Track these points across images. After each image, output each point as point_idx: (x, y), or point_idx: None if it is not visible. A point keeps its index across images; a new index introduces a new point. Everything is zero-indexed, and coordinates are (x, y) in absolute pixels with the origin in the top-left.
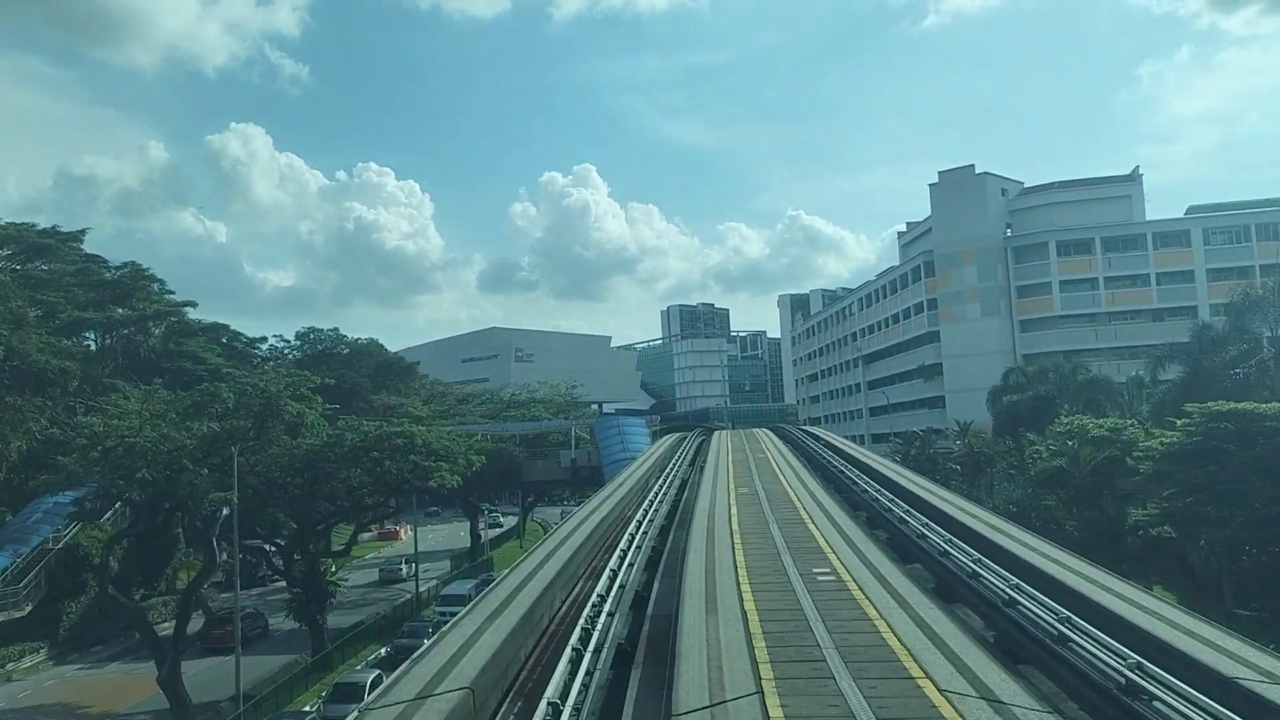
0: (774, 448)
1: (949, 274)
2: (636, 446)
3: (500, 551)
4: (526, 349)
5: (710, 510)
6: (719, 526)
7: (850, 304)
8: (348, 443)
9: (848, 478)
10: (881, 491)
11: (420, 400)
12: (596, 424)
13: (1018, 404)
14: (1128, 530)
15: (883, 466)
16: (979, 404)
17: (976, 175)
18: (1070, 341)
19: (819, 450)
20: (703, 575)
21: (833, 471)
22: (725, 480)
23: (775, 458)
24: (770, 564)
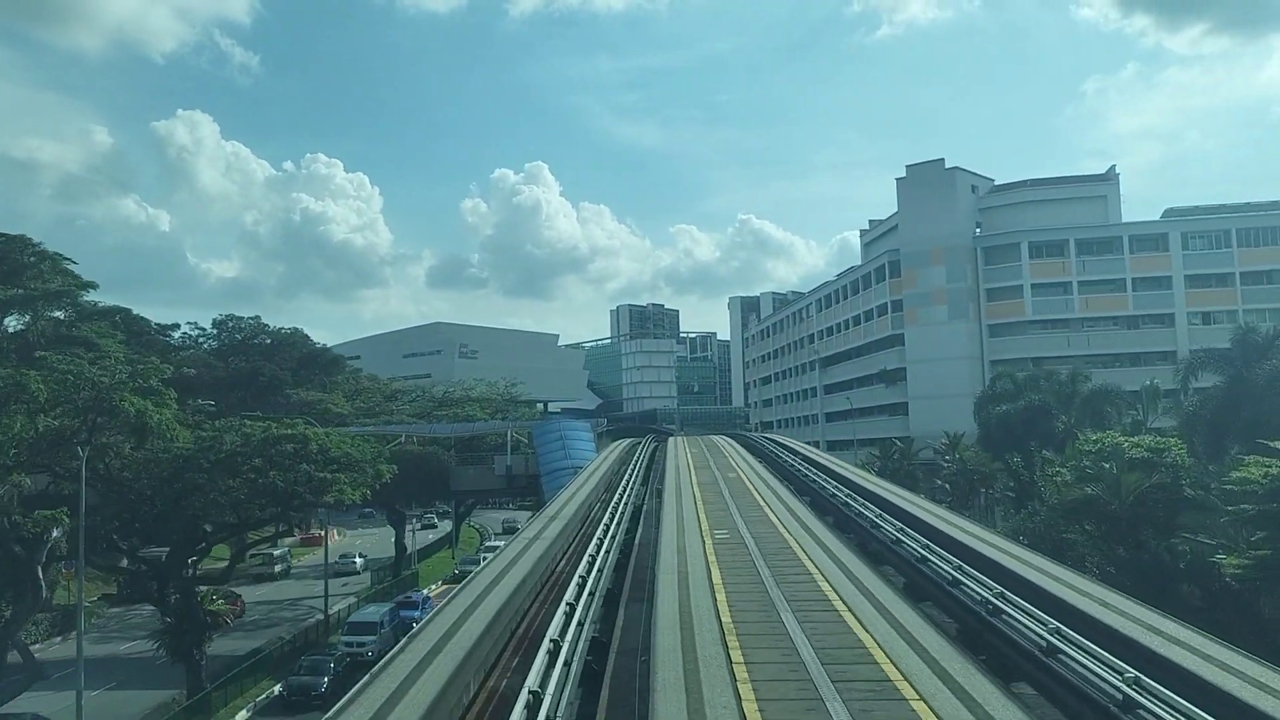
0: (744, 463)
1: (915, 274)
2: (581, 454)
3: (429, 564)
4: (471, 345)
5: (680, 573)
6: (698, 614)
7: (808, 305)
8: (225, 448)
9: (863, 519)
10: (940, 554)
11: (344, 396)
12: (536, 427)
13: (1009, 415)
14: (1181, 574)
15: (913, 505)
16: (945, 412)
17: (946, 170)
18: (1041, 348)
19: (800, 467)
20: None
21: (833, 504)
22: (694, 513)
23: (750, 477)
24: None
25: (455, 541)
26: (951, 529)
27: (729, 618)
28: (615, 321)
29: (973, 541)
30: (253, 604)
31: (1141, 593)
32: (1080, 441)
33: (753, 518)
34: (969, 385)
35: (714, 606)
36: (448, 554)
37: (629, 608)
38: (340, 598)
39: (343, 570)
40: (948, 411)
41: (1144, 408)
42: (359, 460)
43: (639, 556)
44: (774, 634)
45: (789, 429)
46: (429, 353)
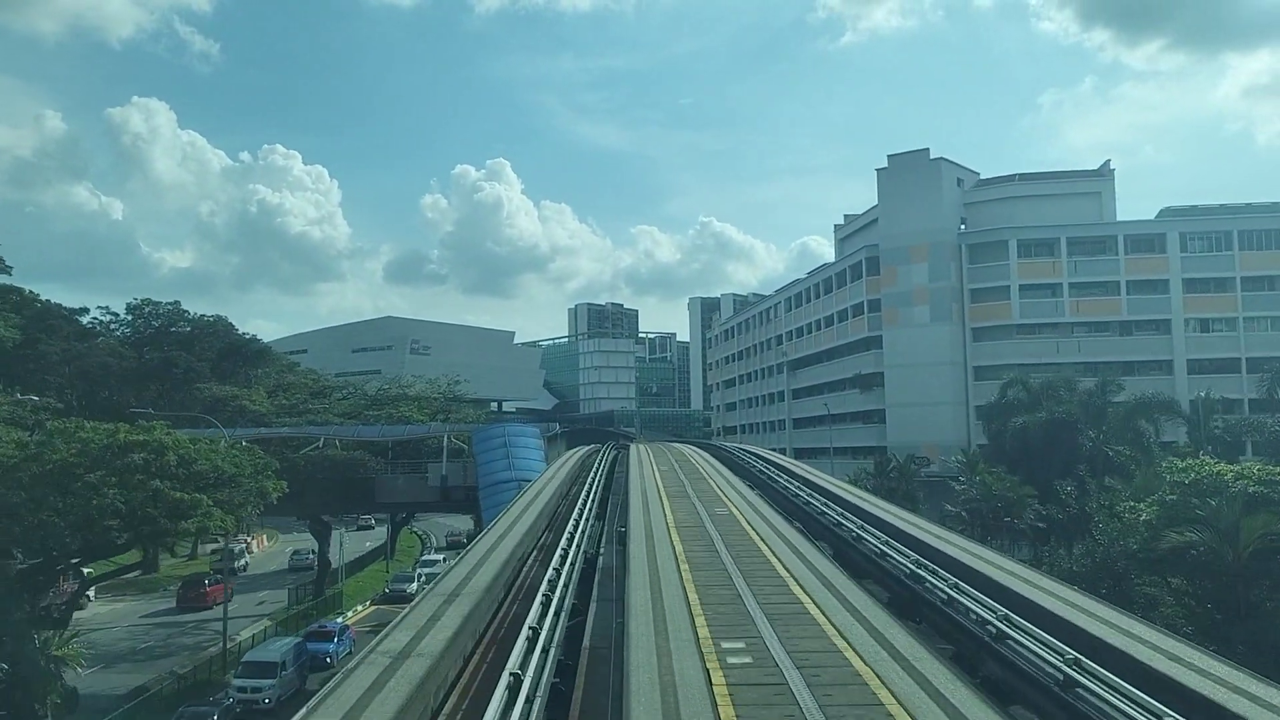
0: (729, 488)
1: (895, 271)
2: (527, 465)
3: (358, 580)
4: (423, 340)
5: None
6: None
7: (776, 304)
8: (54, 457)
9: (960, 611)
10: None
11: (265, 391)
12: (477, 432)
13: (1027, 429)
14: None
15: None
16: (926, 420)
17: (931, 161)
18: (1028, 354)
19: (804, 495)
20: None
21: (878, 565)
22: (679, 592)
23: (746, 514)
24: None
25: (391, 553)
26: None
27: None
28: (573, 320)
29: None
30: (165, 622)
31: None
32: (1166, 467)
33: (780, 608)
34: (951, 392)
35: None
36: (383, 566)
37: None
38: (253, 621)
39: (298, 566)
40: (928, 420)
41: (1199, 423)
42: (235, 476)
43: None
44: None
45: (753, 435)
46: (379, 348)
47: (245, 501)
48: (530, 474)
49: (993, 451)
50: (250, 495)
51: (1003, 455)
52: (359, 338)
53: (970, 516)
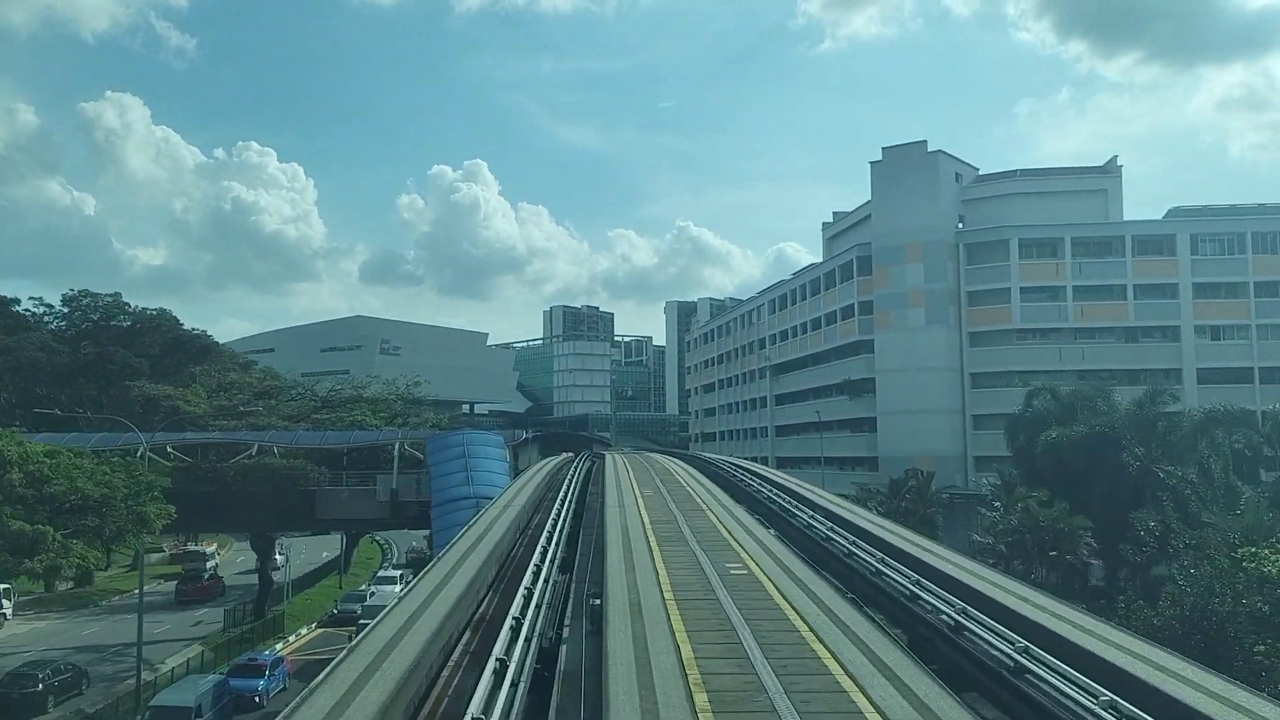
0: (731, 519)
1: (889, 272)
2: (488, 480)
3: (306, 597)
4: (393, 341)
5: None
6: None
7: (759, 306)
8: None
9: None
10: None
11: (206, 391)
12: (432, 441)
13: (1061, 445)
14: None
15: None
16: (919, 430)
17: (929, 154)
18: (1028, 360)
19: (824, 531)
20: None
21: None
22: None
23: (767, 569)
24: None
25: (345, 567)
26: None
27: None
28: (548, 322)
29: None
30: (89, 645)
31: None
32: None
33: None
34: (947, 400)
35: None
36: (334, 583)
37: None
38: (185, 645)
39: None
40: (922, 429)
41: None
42: (106, 499)
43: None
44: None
45: (733, 442)
46: (348, 348)
47: (120, 531)
48: (491, 490)
49: (1018, 469)
50: (126, 523)
51: (1032, 474)
52: (327, 337)
53: (1010, 550)
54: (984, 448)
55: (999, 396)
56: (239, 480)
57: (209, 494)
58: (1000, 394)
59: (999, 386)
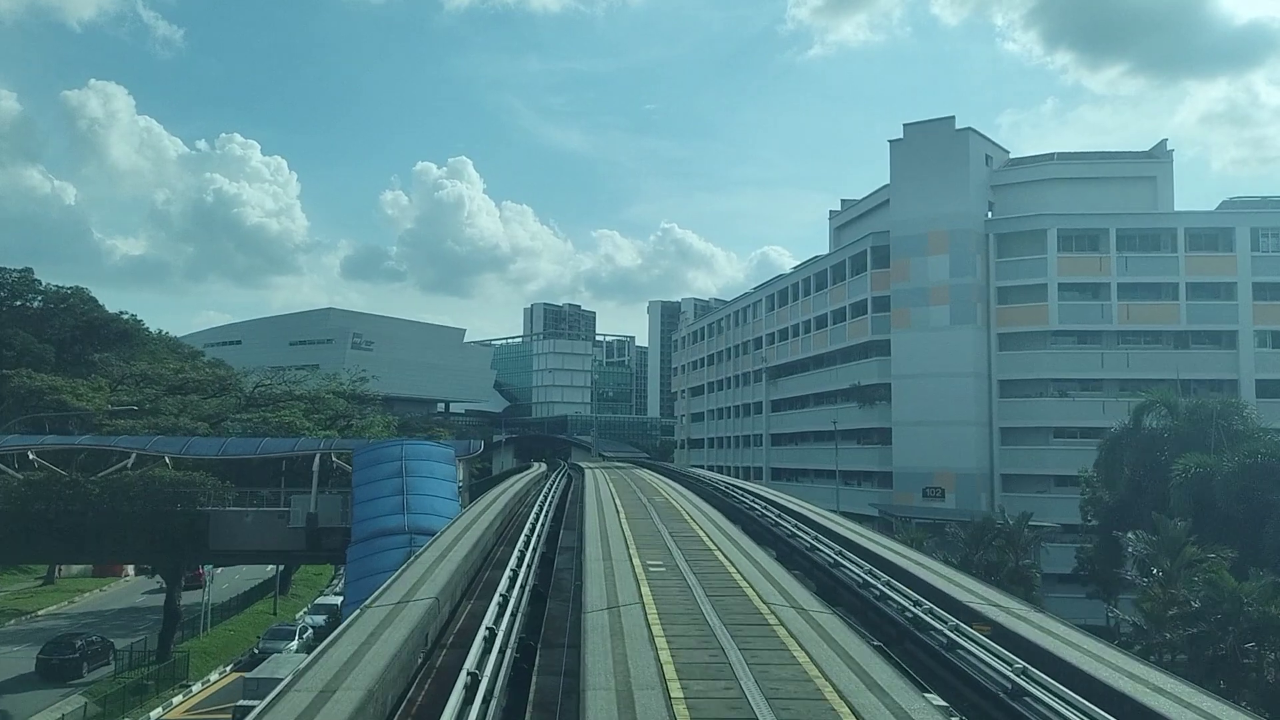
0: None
1: (909, 264)
2: (430, 507)
3: (230, 628)
4: (365, 335)
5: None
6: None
7: (756, 302)
8: None
9: None
10: None
11: (108, 382)
12: (361, 453)
13: (1207, 479)
14: None
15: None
16: (942, 443)
17: (957, 132)
18: (1066, 366)
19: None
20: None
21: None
22: None
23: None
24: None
25: (283, 588)
26: None
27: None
28: (529, 320)
29: None
30: None
31: None
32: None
33: None
34: (973, 410)
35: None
36: (267, 609)
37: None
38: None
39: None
40: (943, 442)
41: None
42: None
43: None
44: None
45: (722, 450)
46: (318, 341)
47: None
48: (433, 521)
49: (1124, 505)
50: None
51: (1132, 511)
52: (297, 330)
53: (1193, 648)
54: (1013, 465)
55: (1031, 408)
56: (107, 498)
57: (68, 515)
58: (1032, 405)
59: (1031, 396)
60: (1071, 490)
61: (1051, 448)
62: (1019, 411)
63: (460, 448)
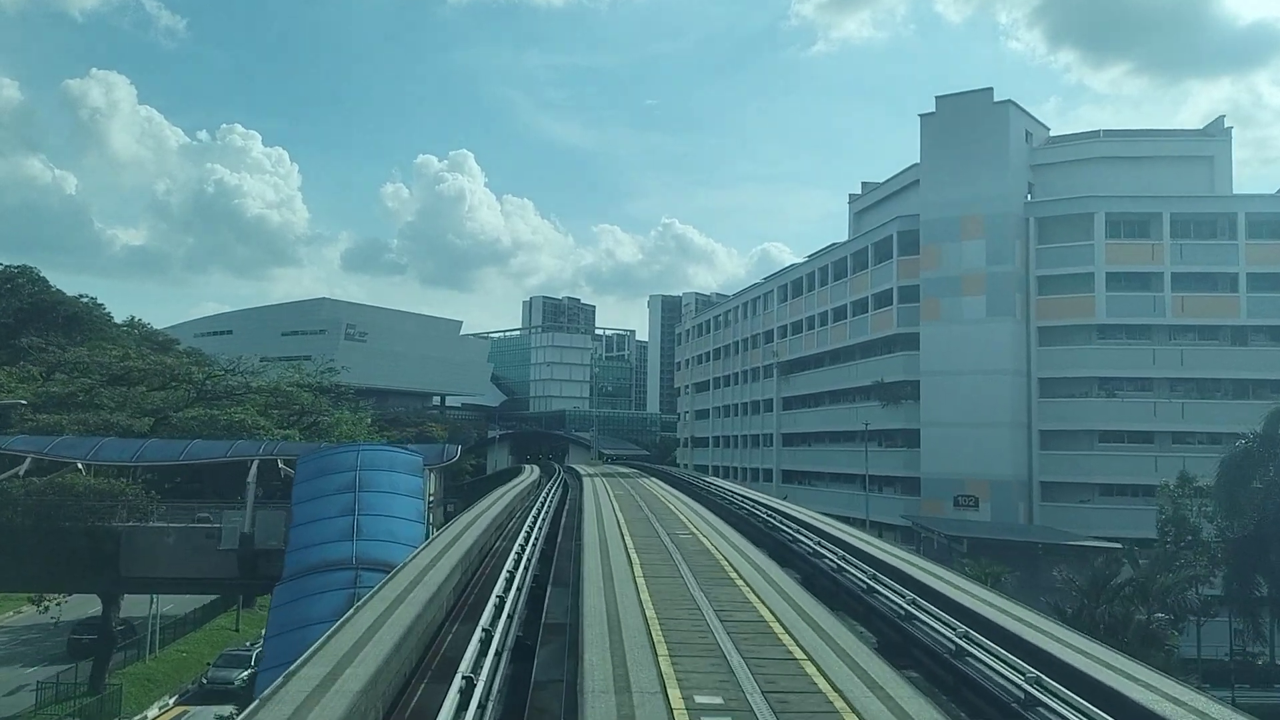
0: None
1: (940, 250)
2: (386, 531)
3: (183, 649)
4: (360, 326)
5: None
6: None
7: (767, 293)
8: None
9: None
10: None
11: (39, 371)
12: (305, 462)
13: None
14: None
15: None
16: (974, 447)
17: (996, 105)
18: (1113, 363)
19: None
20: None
21: None
22: None
23: None
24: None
25: (248, 600)
26: None
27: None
28: (527, 313)
29: None
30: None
31: None
32: None
33: None
34: (1010, 410)
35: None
36: (235, 620)
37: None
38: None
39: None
40: (977, 446)
41: None
42: None
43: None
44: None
45: (729, 450)
46: (311, 332)
47: None
48: (391, 551)
49: (1261, 541)
50: None
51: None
52: (289, 320)
53: None
54: (1053, 471)
55: (1074, 409)
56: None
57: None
58: (1075, 405)
59: (1074, 396)
60: (1118, 501)
61: (1096, 453)
62: (1061, 413)
63: (431, 454)
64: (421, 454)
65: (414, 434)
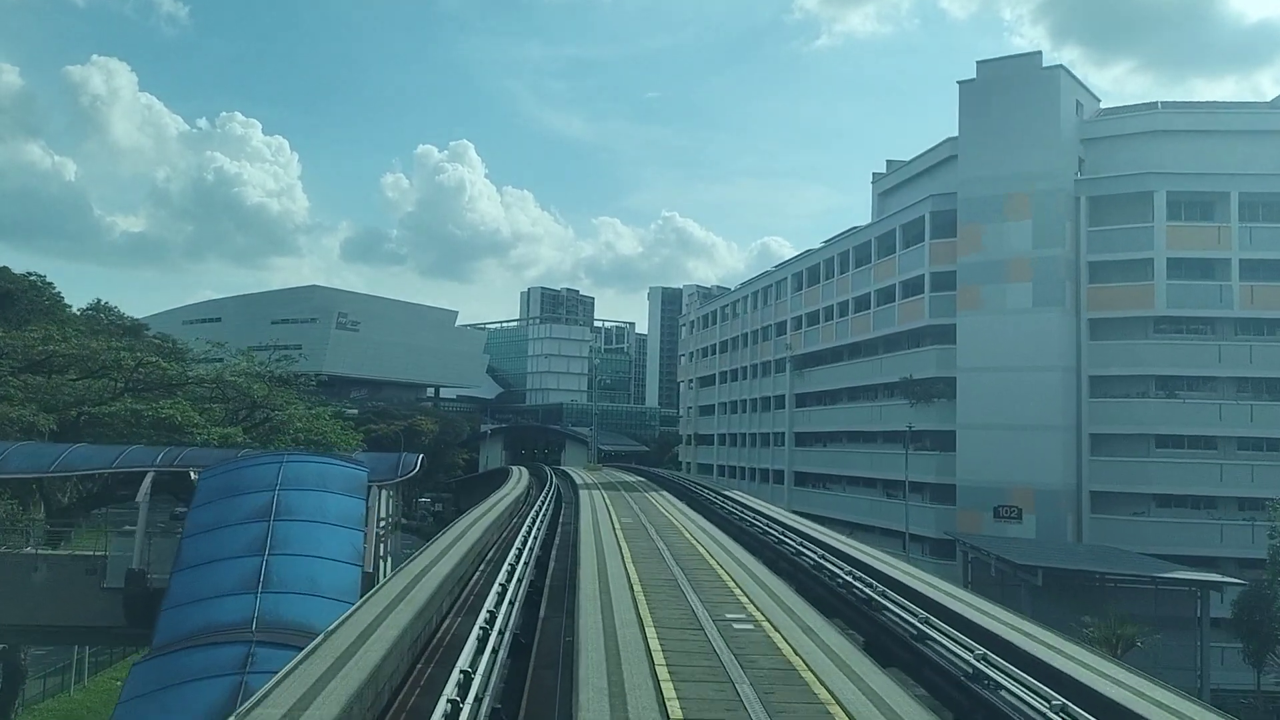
0: None
1: (981, 231)
2: (307, 578)
3: (114, 678)
4: (352, 314)
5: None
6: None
7: (780, 280)
8: None
9: None
10: None
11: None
12: (205, 477)
13: None
14: None
15: None
16: (1019, 451)
17: (1045, 70)
18: (1174, 360)
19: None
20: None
21: None
22: None
23: None
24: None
25: None
26: None
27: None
28: (525, 304)
29: None
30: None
31: None
32: None
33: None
34: (1060, 412)
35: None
36: None
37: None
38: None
39: None
40: (1020, 451)
41: None
42: None
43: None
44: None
45: (736, 449)
46: (302, 320)
47: None
48: (308, 610)
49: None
50: None
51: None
52: (279, 308)
53: None
54: (1104, 480)
55: (1129, 410)
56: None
57: None
58: (1131, 406)
59: (1129, 396)
60: (1177, 513)
61: (1154, 460)
62: (1113, 414)
63: (382, 466)
64: (369, 466)
65: (403, 427)
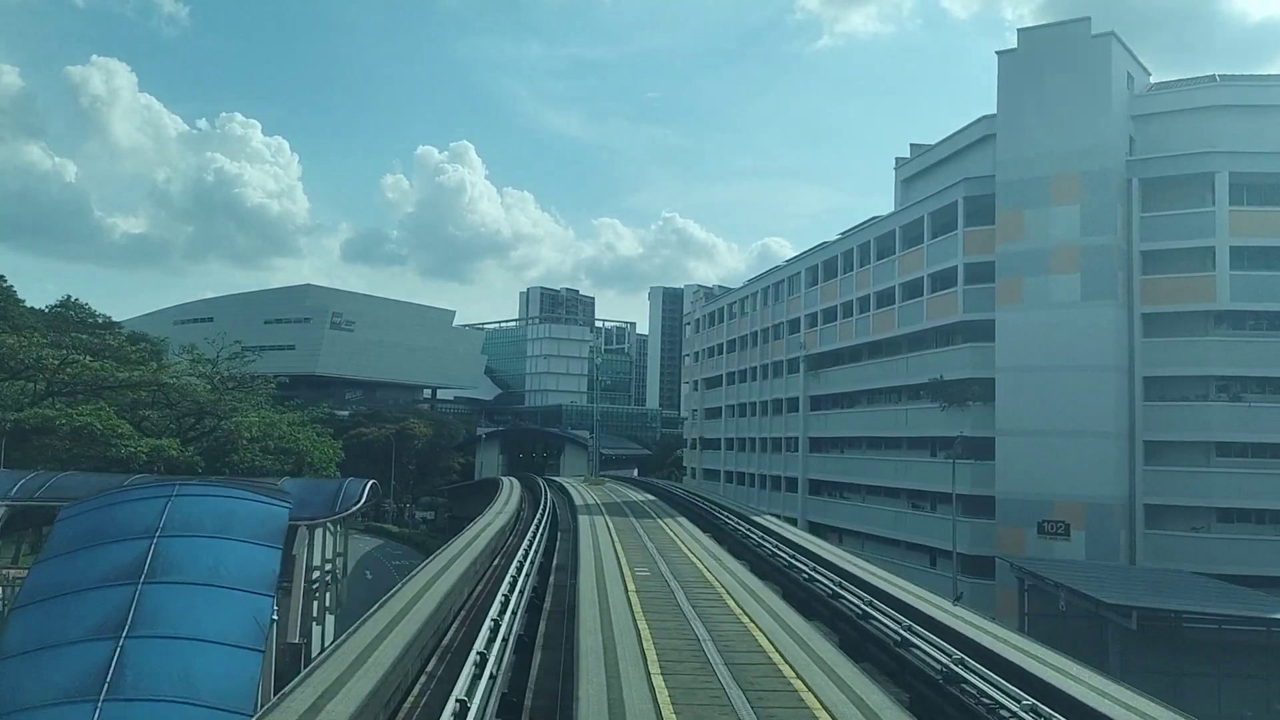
0: None
1: (1022, 217)
2: (179, 672)
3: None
4: (346, 314)
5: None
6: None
7: (794, 274)
8: None
9: None
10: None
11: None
12: (61, 519)
13: None
14: None
15: None
16: (1066, 460)
17: (1095, 38)
18: (1237, 359)
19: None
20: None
21: None
22: None
23: None
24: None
25: None
26: None
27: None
28: (524, 304)
29: None
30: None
31: None
32: None
33: None
34: (1111, 417)
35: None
36: None
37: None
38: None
39: None
40: (1066, 460)
41: None
42: None
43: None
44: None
45: (745, 454)
46: (295, 320)
47: None
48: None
49: None
50: None
51: None
52: (273, 307)
53: None
54: (1161, 492)
55: (1187, 414)
56: None
57: None
58: (1189, 410)
59: (1188, 399)
60: (1240, 529)
61: (1215, 469)
62: (1171, 419)
63: (315, 499)
64: (297, 499)
65: (394, 431)
